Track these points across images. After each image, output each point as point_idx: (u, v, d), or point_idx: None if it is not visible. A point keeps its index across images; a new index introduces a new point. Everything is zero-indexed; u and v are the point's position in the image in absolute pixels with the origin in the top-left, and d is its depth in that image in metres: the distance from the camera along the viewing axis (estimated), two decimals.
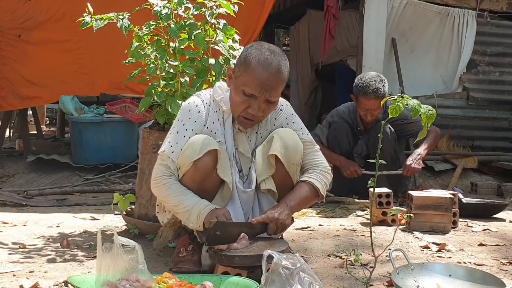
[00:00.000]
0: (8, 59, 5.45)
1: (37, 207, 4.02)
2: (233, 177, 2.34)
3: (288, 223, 2.30)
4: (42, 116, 9.04)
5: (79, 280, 1.91)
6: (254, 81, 2.22)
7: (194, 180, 2.26)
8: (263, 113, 2.29)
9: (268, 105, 2.28)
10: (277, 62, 2.24)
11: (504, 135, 6.01)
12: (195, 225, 2.23)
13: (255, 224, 2.23)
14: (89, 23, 2.78)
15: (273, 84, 2.24)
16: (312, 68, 8.17)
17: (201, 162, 2.23)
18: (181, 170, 2.28)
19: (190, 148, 2.24)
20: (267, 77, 2.22)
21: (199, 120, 2.33)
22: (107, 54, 5.28)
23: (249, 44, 2.37)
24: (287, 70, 2.30)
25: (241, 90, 2.25)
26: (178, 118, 2.38)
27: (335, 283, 2.22)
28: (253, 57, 2.24)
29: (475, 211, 3.61)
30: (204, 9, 2.83)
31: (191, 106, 2.36)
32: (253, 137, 2.41)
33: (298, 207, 2.36)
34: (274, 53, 2.26)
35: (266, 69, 2.22)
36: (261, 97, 2.24)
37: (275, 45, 2.36)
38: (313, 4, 7.78)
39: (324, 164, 2.44)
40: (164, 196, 2.28)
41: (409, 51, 5.90)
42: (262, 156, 2.34)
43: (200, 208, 2.21)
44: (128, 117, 5.33)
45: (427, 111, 1.88)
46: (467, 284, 2.08)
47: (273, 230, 2.24)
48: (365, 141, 4.06)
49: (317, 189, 2.36)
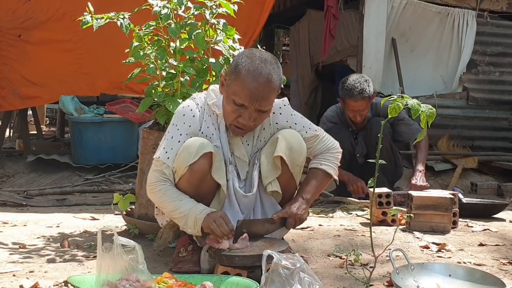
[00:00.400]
0: (9, 59, 5.46)
1: (37, 207, 4.02)
2: (231, 181, 2.33)
3: (306, 217, 2.39)
4: (42, 116, 9.04)
5: (79, 280, 1.91)
6: (243, 91, 2.20)
7: (191, 184, 2.25)
8: (255, 122, 2.27)
9: (260, 114, 2.26)
10: (268, 72, 2.21)
11: (504, 135, 6.01)
12: (193, 231, 2.23)
13: (276, 219, 2.31)
14: (89, 22, 2.77)
15: (263, 94, 2.21)
16: (312, 68, 8.17)
17: (197, 166, 2.21)
18: (177, 174, 2.27)
19: (185, 151, 2.23)
20: (257, 87, 2.19)
21: (194, 124, 2.32)
22: (107, 54, 5.29)
23: (241, 52, 2.35)
24: (279, 78, 2.27)
25: (232, 99, 2.23)
26: (172, 122, 2.36)
27: (335, 283, 2.22)
28: (243, 66, 2.21)
29: (475, 211, 3.61)
30: (204, 9, 2.83)
31: (185, 111, 2.34)
32: (250, 141, 2.39)
33: (313, 197, 2.46)
34: (265, 61, 2.22)
35: (255, 79, 2.19)
36: (251, 107, 2.22)
37: (268, 53, 2.32)
38: (313, 4, 7.78)
39: (333, 146, 2.50)
40: (161, 202, 2.28)
41: (409, 51, 5.90)
42: (267, 157, 2.34)
43: (196, 213, 2.20)
44: (128, 117, 5.33)
45: (427, 110, 1.88)
46: (467, 284, 2.08)
47: (291, 225, 2.34)
48: (364, 139, 4.07)
49: (330, 174, 2.45)
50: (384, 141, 3.88)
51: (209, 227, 2.17)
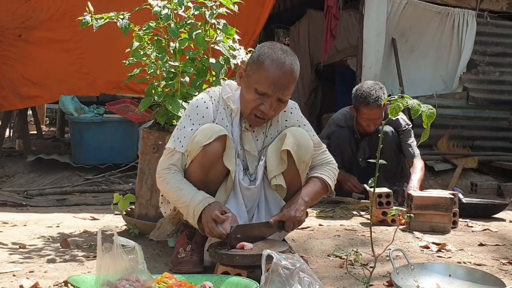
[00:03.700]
0: (9, 58, 5.46)
1: (37, 207, 4.02)
2: (237, 173, 2.35)
3: (304, 219, 2.37)
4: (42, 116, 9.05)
5: (79, 280, 1.91)
6: (267, 79, 2.24)
7: (202, 166, 2.27)
8: (274, 111, 2.32)
9: (279, 104, 2.31)
10: (290, 62, 2.27)
11: (504, 135, 6.01)
12: (193, 222, 2.26)
13: (272, 223, 2.28)
14: (89, 22, 2.78)
15: (286, 83, 2.26)
16: (312, 68, 8.18)
17: (211, 147, 2.24)
18: (190, 156, 2.28)
19: (201, 133, 2.26)
20: (281, 75, 2.24)
21: (207, 116, 2.34)
22: (107, 54, 5.29)
23: (262, 44, 2.39)
24: (299, 70, 2.33)
25: (254, 88, 2.27)
26: (185, 114, 2.39)
27: (335, 283, 2.22)
28: (267, 56, 2.27)
29: (475, 211, 3.61)
30: (204, 9, 2.83)
31: (198, 103, 2.37)
32: (260, 137, 2.42)
33: (312, 202, 2.43)
34: (286, 52, 2.29)
35: (279, 68, 2.25)
36: (274, 96, 2.26)
37: (286, 45, 2.37)
38: (313, 4, 7.79)
39: (332, 161, 2.52)
40: (166, 190, 2.32)
41: (409, 51, 5.91)
42: (274, 152, 2.36)
43: (195, 205, 2.22)
44: (128, 117, 5.33)
45: (427, 110, 1.88)
46: (467, 284, 2.08)
47: (289, 228, 2.32)
48: (368, 143, 4.03)
49: (328, 185, 2.44)
50: (390, 145, 3.88)
51: (206, 225, 2.19)
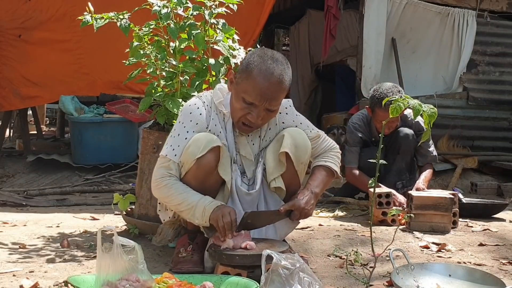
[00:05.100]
0: (9, 59, 5.46)
1: (37, 207, 4.02)
2: (234, 179, 2.34)
3: (311, 213, 2.37)
4: (42, 116, 9.04)
5: (79, 280, 1.91)
6: (254, 90, 2.21)
7: (197, 178, 2.26)
8: (262, 120, 2.30)
9: (268, 113, 2.28)
10: (279, 72, 2.23)
11: (504, 135, 6.01)
12: (201, 221, 2.23)
13: (282, 212, 2.30)
14: (89, 22, 2.77)
15: (274, 94, 2.23)
16: (312, 68, 8.18)
17: (205, 160, 2.23)
18: (184, 168, 2.28)
19: (194, 144, 2.24)
20: (268, 86, 2.21)
21: (201, 122, 2.33)
22: (107, 54, 5.28)
23: (252, 51, 2.36)
24: (289, 78, 2.29)
25: (241, 97, 2.25)
26: (179, 120, 2.37)
27: (335, 283, 2.22)
28: (255, 65, 2.23)
29: (475, 211, 3.61)
30: (204, 9, 2.83)
31: (192, 108, 2.35)
32: (256, 141, 2.41)
33: (321, 191, 2.45)
34: (276, 61, 2.24)
35: (267, 78, 2.21)
36: (261, 106, 2.24)
37: (278, 53, 2.34)
38: (313, 4, 7.79)
39: (335, 147, 2.53)
40: (167, 196, 2.28)
41: (410, 52, 5.91)
42: (272, 154, 2.36)
43: (206, 204, 2.21)
44: (128, 117, 5.33)
45: (428, 110, 1.88)
46: (467, 284, 2.08)
47: (295, 217, 2.32)
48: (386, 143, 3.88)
49: (334, 171, 2.46)
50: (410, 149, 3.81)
51: (216, 221, 2.17)
